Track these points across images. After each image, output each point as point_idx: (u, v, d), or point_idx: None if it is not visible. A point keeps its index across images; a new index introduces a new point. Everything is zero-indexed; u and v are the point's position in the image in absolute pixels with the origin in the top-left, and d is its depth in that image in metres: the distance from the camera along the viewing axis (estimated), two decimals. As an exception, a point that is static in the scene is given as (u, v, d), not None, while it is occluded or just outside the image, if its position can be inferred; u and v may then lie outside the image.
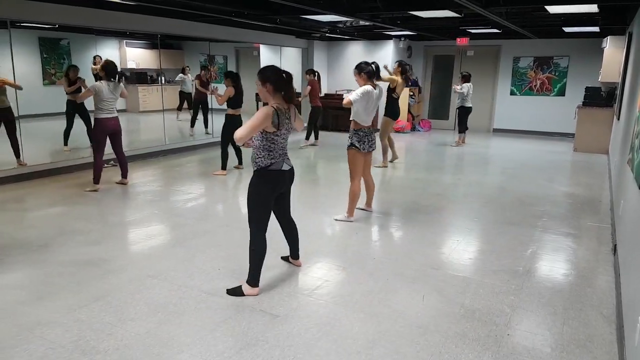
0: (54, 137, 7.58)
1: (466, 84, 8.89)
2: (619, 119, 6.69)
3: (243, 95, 6.34)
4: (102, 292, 3.04)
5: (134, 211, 4.89)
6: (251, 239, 3.01)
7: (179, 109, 10.39)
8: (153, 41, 9.86)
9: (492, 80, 11.24)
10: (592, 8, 6.04)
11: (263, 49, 11.02)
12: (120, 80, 5.37)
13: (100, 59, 8.75)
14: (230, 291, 3.04)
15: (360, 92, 4.26)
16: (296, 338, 2.56)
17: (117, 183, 5.83)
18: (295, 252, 3.49)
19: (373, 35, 10.29)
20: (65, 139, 7.22)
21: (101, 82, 5.26)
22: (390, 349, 2.48)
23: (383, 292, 3.12)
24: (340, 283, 3.27)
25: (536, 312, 2.90)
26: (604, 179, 6.61)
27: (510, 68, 10.99)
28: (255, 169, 2.96)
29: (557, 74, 10.58)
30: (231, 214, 4.98)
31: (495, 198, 5.54)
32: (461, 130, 9.30)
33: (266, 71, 2.92)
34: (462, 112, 9.15)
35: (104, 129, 5.38)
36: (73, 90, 6.84)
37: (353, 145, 4.37)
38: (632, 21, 6.56)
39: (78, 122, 7.17)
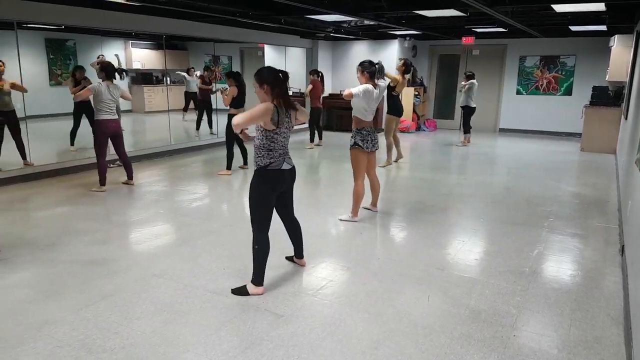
0: (60, 137, 7.63)
1: (470, 81, 8.87)
2: (626, 119, 6.63)
3: (245, 95, 6.37)
4: (108, 291, 3.06)
5: (139, 211, 4.91)
6: (254, 238, 3.02)
7: (185, 109, 10.43)
8: (158, 42, 9.89)
9: (498, 79, 11.18)
10: (600, 7, 5.99)
11: (267, 49, 11.03)
12: (121, 76, 5.37)
13: (103, 58, 8.80)
14: (235, 291, 3.05)
15: (362, 89, 4.28)
16: (300, 338, 2.56)
17: (124, 183, 5.86)
18: (299, 252, 3.49)
19: (378, 35, 10.28)
20: (71, 139, 7.27)
21: (100, 83, 5.28)
22: (395, 350, 2.47)
23: (388, 292, 3.11)
24: (345, 283, 3.26)
25: (543, 313, 2.88)
26: (611, 179, 6.56)
27: (517, 67, 10.93)
28: (256, 169, 2.98)
29: (563, 73, 10.52)
30: (236, 213, 4.98)
31: (501, 198, 5.52)
32: (466, 131, 9.26)
33: (262, 72, 2.92)
34: (466, 112, 9.12)
35: (104, 131, 5.38)
36: (78, 90, 6.88)
37: (356, 144, 4.36)
38: (640, 20, 6.51)
39: (84, 122, 7.20)
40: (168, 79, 10.26)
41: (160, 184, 6.05)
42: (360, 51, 10.93)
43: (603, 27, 8.08)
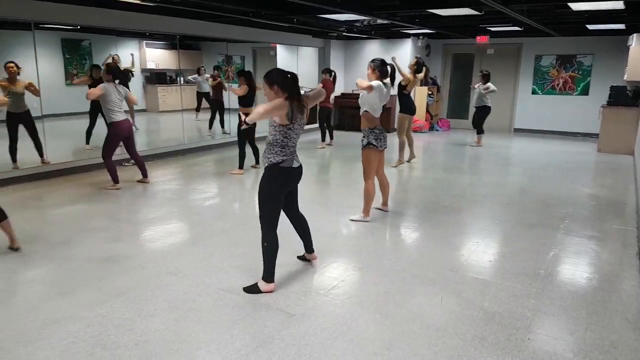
0: (75, 136, 7.74)
1: (492, 88, 8.74)
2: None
3: (255, 94, 6.42)
4: (122, 288, 3.09)
5: (153, 209, 4.96)
6: (263, 235, 3.04)
7: (197, 109, 10.49)
8: (172, 42, 9.96)
9: (513, 79, 11.05)
10: (618, 5, 5.88)
11: (280, 48, 11.04)
12: (127, 77, 5.47)
13: (118, 58, 8.90)
14: (247, 289, 3.07)
15: (377, 84, 4.29)
16: (312, 337, 2.56)
17: (139, 182, 5.93)
18: (309, 246, 3.50)
19: (390, 34, 10.22)
20: (87, 137, 7.37)
21: (109, 84, 5.36)
22: (407, 351, 2.45)
23: (400, 293, 3.09)
24: (357, 283, 3.25)
25: (558, 316, 2.84)
26: (629, 181, 6.43)
27: (532, 66, 10.78)
28: (267, 165, 2.99)
29: (580, 72, 10.35)
30: (248, 212, 5.00)
31: (516, 199, 5.45)
32: (481, 131, 9.15)
33: (272, 74, 2.95)
34: (484, 113, 9.00)
35: (119, 133, 5.47)
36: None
37: (370, 144, 4.36)
38: (659, 18, 6.38)
39: (100, 121, 7.29)
40: (182, 78, 10.34)
41: (173, 183, 6.10)
42: (373, 50, 10.88)
43: (621, 26, 7.93)
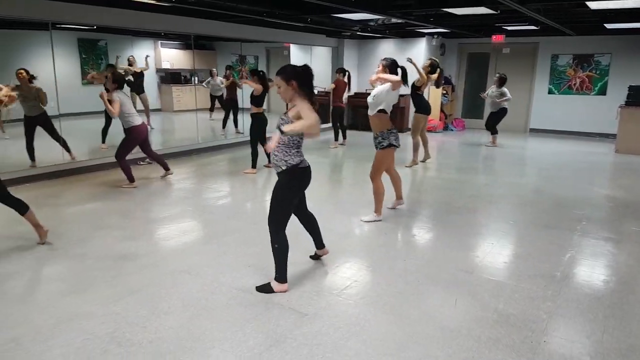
0: (92, 135, 7.85)
1: (506, 96, 8.66)
2: (665, 119, 6.37)
3: (266, 95, 6.45)
4: (137, 286, 3.13)
5: (168, 208, 5.01)
6: (272, 238, 3.03)
7: (211, 109, 10.57)
8: (187, 42, 10.06)
9: (529, 78, 10.90)
10: (638, 3, 5.76)
11: (293, 48, 11.06)
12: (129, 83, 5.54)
13: (133, 58, 9.01)
14: (259, 288, 3.07)
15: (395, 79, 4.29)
16: (325, 337, 2.56)
17: (162, 177, 6.08)
18: (319, 242, 3.49)
19: (405, 33, 10.15)
20: (103, 136, 7.47)
21: (119, 92, 5.42)
22: (420, 352, 2.43)
23: (413, 294, 3.07)
24: (370, 283, 3.24)
25: (574, 319, 2.79)
26: (648, 182, 6.31)
27: (548, 66, 10.63)
28: (286, 168, 2.93)
29: (598, 72, 10.17)
30: (260, 211, 5.01)
31: (531, 200, 5.37)
32: (495, 131, 9.06)
33: (286, 70, 2.90)
34: (501, 115, 8.92)
35: (137, 137, 5.55)
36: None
37: (391, 145, 4.37)
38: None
39: (115, 121, 7.38)
40: (196, 78, 10.42)
41: (187, 182, 6.15)
42: (387, 49, 10.82)
43: (641, 24, 7.78)
